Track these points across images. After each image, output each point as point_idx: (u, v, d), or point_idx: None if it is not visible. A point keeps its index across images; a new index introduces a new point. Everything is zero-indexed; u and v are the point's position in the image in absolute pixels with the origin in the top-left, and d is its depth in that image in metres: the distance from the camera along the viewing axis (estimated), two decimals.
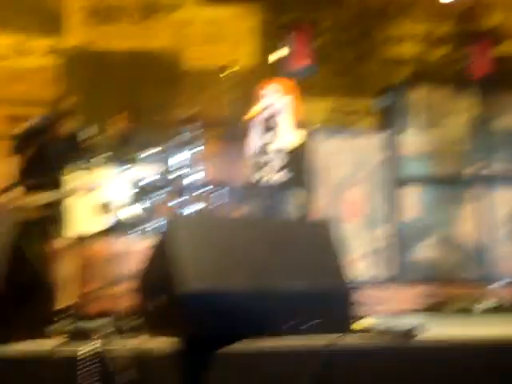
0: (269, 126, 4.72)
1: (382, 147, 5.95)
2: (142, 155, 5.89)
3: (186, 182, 6.22)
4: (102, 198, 5.99)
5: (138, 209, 6.02)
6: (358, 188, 5.86)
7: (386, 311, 5.17)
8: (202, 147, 6.33)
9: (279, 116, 4.67)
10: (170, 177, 6.15)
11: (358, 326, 3.22)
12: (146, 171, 6.04)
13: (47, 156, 5.10)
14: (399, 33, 8.61)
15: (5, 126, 6.49)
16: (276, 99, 4.74)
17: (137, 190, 6.00)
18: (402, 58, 8.49)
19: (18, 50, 8.15)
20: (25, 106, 7.62)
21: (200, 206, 6.21)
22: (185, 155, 6.21)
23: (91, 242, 5.48)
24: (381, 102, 6.15)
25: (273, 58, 7.56)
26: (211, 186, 6.31)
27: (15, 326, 2.82)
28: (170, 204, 6.24)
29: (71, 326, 3.96)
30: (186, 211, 6.14)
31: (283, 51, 5.66)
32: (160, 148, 6.30)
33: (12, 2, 8.11)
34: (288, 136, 4.63)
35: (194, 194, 6.19)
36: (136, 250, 5.31)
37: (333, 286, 3.09)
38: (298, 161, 4.72)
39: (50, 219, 4.99)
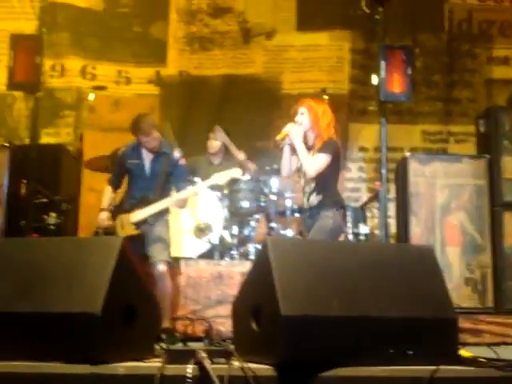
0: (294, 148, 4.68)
1: (483, 171, 5.78)
2: (239, 179, 5.92)
3: (281, 206, 6.25)
4: (198, 221, 6.12)
5: (233, 232, 6.10)
6: (457, 214, 5.71)
7: (486, 341, 5.00)
8: None
9: (295, 139, 4.62)
10: (266, 201, 6.19)
11: (463, 353, 3.11)
12: (242, 195, 6.11)
13: (144, 178, 5.21)
14: (498, 54, 8.42)
15: (106, 152, 6.70)
16: (301, 119, 4.71)
17: (232, 213, 6.08)
18: (505, 79, 8.28)
19: (122, 79, 8.46)
20: (124, 132, 7.88)
21: (294, 230, 6.21)
22: (281, 180, 6.23)
23: (188, 264, 5.58)
24: (481, 125, 5.99)
25: (366, 83, 7.55)
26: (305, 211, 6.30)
27: (122, 346, 2.90)
28: (264, 228, 6.29)
29: (168, 347, 4.03)
30: (281, 235, 6.16)
31: (376, 77, 5.61)
32: (256, 172, 6.37)
33: (119, 33, 8.47)
34: (306, 160, 4.56)
35: (288, 219, 6.20)
36: (232, 273, 5.36)
37: (440, 312, 3.01)
38: (326, 184, 4.62)
39: (147, 240, 5.08)
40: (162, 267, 4.93)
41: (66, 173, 6.83)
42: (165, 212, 5.18)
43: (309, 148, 4.64)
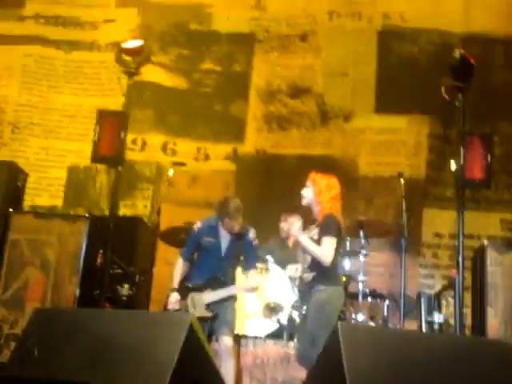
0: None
1: None
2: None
3: (354, 288, 6.16)
4: (268, 300, 6.07)
5: (303, 313, 6.02)
6: None
7: None
8: (370, 254, 6.28)
9: (298, 235, 4.63)
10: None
11: None
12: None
13: (217, 257, 5.23)
14: None
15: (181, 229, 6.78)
16: (306, 193, 4.73)
17: (303, 293, 6.01)
18: None
19: (201, 155, 8.66)
20: (201, 207, 8.03)
21: (365, 314, 6.08)
22: (355, 261, 6.17)
23: (256, 343, 5.52)
24: None
25: (443, 168, 7.48)
26: (381, 296, 6.20)
27: None
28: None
29: None
30: (354, 319, 6.04)
31: (455, 164, 5.54)
32: None
33: (200, 111, 8.73)
34: (317, 252, 4.57)
35: (360, 303, 6.09)
36: None
37: None
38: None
39: (216, 318, 5.07)
40: (228, 343, 4.89)
41: (141, 245, 6.95)
42: (233, 295, 5.19)
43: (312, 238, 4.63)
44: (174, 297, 5.16)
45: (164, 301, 5.53)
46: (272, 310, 6.01)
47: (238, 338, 5.07)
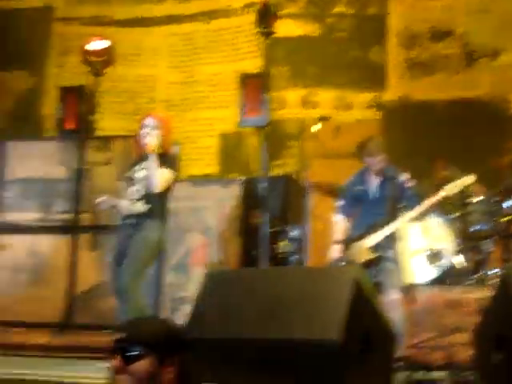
0: None
1: None
2: (471, 202, 5.72)
3: None
4: (430, 247, 5.99)
5: (468, 257, 5.89)
6: None
7: None
8: None
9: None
10: (500, 224, 5.92)
11: None
12: (474, 217, 5.90)
13: (372, 204, 5.20)
14: None
15: (331, 178, 6.79)
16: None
17: (466, 237, 5.88)
18: None
19: (342, 105, 8.59)
20: (347, 158, 7.98)
21: None
22: None
23: (421, 290, 5.47)
24: None
25: None
26: None
27: (360, 375, 2.92)
28: (500, 252, 6.00)
29: (407, 377, 3.97)
30: None
31: None
32: (490, 195, 6.11)
33: (337, 59, 8.63)
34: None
35: None
36: (468, 299, 5.17)
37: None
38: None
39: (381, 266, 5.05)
40: (395, 295, 4.86)
41: (294, 202, 7.05)
42: (395, 237, 5.12)
43: None
44: (336, 247, 5.20)
45: (324, 254, 5.59)
46: (434, 255, 5.93)
47: (404, 286, 5.02)
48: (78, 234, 5.95)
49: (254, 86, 6.14)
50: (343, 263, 5.00)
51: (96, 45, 6.38)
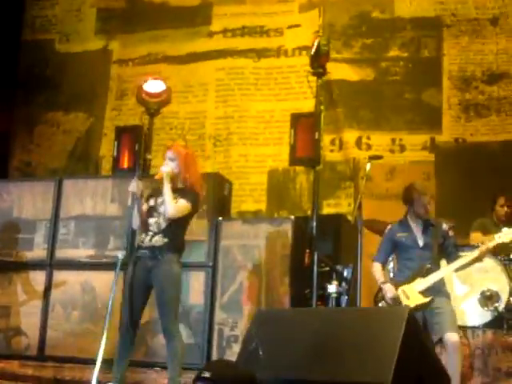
0: None
1: None
2: None
3: None
4: (483, 289, 5.87)
5: None
6: None
7: None
8: None
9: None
10: None
11: None
12: None
13: (416, 249, 5.16)
14: None
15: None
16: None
17: None
18: None
19: (396, 147, 8.55)
20: (400, 200, 7.93)
21: None
22: None
23: (475, 334, 5.35)
24: None
25: None
26: None
27: None
28: None
29: None
30: None
31: None
32: None
33: (391, 101, 8.64)
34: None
35: None
36: None
37: None
38: None
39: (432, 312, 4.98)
40: (454, 337, 4.75)
41: (345, 241, 7.00)
42: (443, 283, 5.07)
43: None
44: (389, 285, 5.13)
45: (373, 295, 5.53)
46: (488, 298, 5.80)
47: (458, 330, 4.91)
48: None
49: (306, 126, 6.17)
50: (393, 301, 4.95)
51: (152, 86, 6.49)
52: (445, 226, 5.18)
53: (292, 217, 6.35)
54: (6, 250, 6.85)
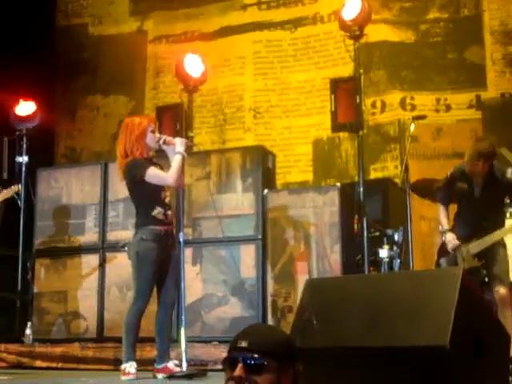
0: None
1: None
2: None
3: None
4: None
5: None
6: None
7: None
8: None
9: None
10: None
11: None
12: None
13: (475, 204, 5.04)
14: None
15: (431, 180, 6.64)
16: None
17: None
18: None
19: (442, 106, 8.40)
20: (447, 159, 7.81)
21: None
22: None
23: None
24: None
25: None
26: None
27: (473, 380, 2.81)
28: None
29: None
30: None
31: None
32: None
33: (434, 61, 8.47)
34: None
35: None
36: None
37: None
38: None
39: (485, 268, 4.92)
40: (502, 293, 4.72)
41: (394, 205, 6.92)
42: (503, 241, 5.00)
43: None
44: (451, 235, 5.07)
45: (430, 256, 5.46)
46: None
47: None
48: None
49: (347, 91, 6.09)
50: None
51: (190, 63, 6.47)
52: (509, 174, 4.99)
53: (338, 184, 6.29)
54: (59, 236, 6.97)
